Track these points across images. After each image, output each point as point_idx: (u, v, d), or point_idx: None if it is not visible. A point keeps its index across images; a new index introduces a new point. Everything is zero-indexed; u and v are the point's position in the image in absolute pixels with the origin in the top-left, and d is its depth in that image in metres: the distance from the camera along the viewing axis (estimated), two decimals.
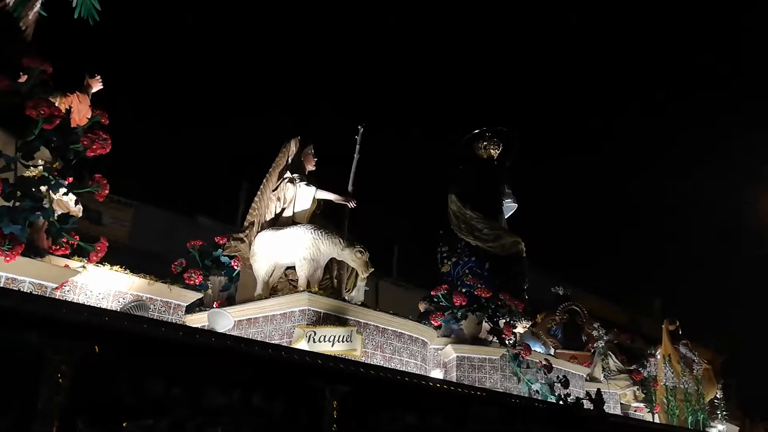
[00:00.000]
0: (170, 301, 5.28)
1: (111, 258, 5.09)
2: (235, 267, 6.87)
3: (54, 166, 4.22)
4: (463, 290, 7.86)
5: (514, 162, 10.93)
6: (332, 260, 6.27)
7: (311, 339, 5.10)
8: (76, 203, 4.67)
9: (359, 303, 6.07)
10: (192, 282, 6.69)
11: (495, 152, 10.94)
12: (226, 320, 5.13)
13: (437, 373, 7.56)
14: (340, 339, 5.25)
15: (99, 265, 4.84)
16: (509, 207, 10.69)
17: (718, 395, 13.60)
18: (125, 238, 14.47)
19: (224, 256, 7.02)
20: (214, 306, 6.38)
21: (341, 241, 5.85)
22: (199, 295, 5.70)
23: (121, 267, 5.00)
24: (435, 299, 7.93)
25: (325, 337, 5.17)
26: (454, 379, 7.39)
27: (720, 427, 13.00)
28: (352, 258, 5.83)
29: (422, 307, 9.29)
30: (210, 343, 4.16)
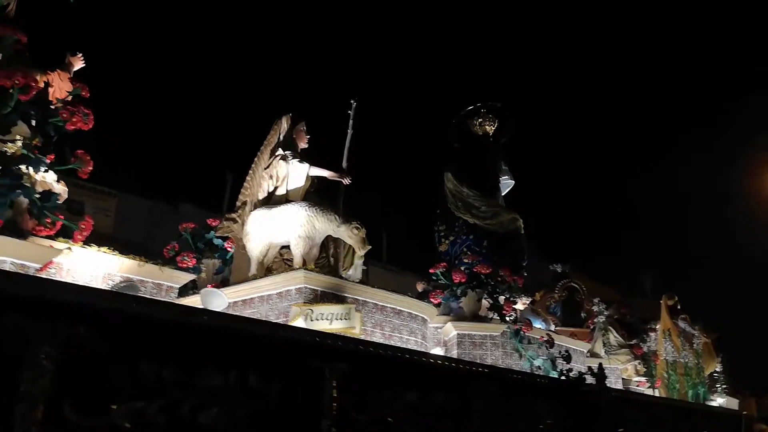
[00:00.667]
0: (162, 283, 5.12)
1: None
2: (229, 249, 6.71)
3: (33, 142, 4.02)
4: (463, 267, 7.74)
5: (510, 137, 10.76)
6: (328, 238, 6.12)
7: (308, 317, 4.96)
8: (58, 181, 4.47)
9: (357, 281, 5.92)
10: (185, 265, 6.53)
11: (490, 129, 10.76)
12: (219, 299, 4.97)
13: (438, 352, 7.45)
14: (338, 317, 5.10)
15: (86, 246, 4.67)
16: (506, 184, 10.54)
17: (717, 369, 13.61)
18: (109, 228, 14.27)
19: (217, 238, 6.85)
20: (208, 288, 6.22)
21: (337, 218, 5.68)
22: (192, 277, 5.55)
23: (109, 248, 4.82)
24: (434, 277, 7.80)
25: (322, 315, 5.02)
26: (455, 357, 7.28)
27: (720, 400, 13.03)
28: (349, 235, 5.67)
29: (420, 287, 9.17)
30: (203, 322, 4.00)
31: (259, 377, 4.28)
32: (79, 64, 5.58)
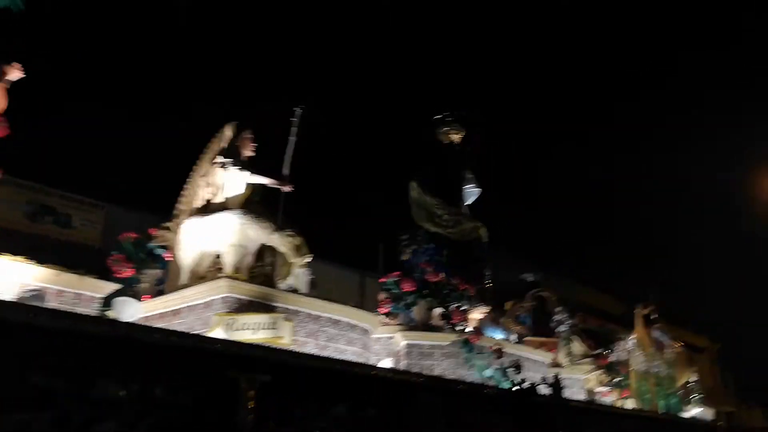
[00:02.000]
0: (82, 293, 5.01)
1: (82, 260, 4.86)
2: (169, 259, 6.60)
3: None
4: (414, 276, 7.65)
5: (477, 146, 10.71)
6: (266, 247, 6.03)
7: (230, 327, 4.85)
8: None
9: (290, 290, 5.82)
10: (122, 275, 6.42)
11: (458, 137, 10.72)
12: (131, 308, 4.87)
13: (388, 363, 7.34)
14: (264, 326, 5.00)
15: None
16: (471, 192, 10.47)
17: (692, 379, 13.46)
18: (97, 240, 14.09)
19: (159, 248, 6.74)
20: (142, 299, 6.11)
21: (271, 225, 5.59)
22: (116, 286, 5.44)
23: (23, 256, 4.71)
24: (384, 287, 7.71)
25: (245, 324, 4.92)
26: (404, 368, 7.16)
27: (695, 410, 12.86)
28: (283, 243, 5.58)
29: (380, 297, 9.07)
30: (101, 332, 3.90)
31: (167, 388, 4.16)
32: (15, 74, 5.49)
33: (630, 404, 11.00)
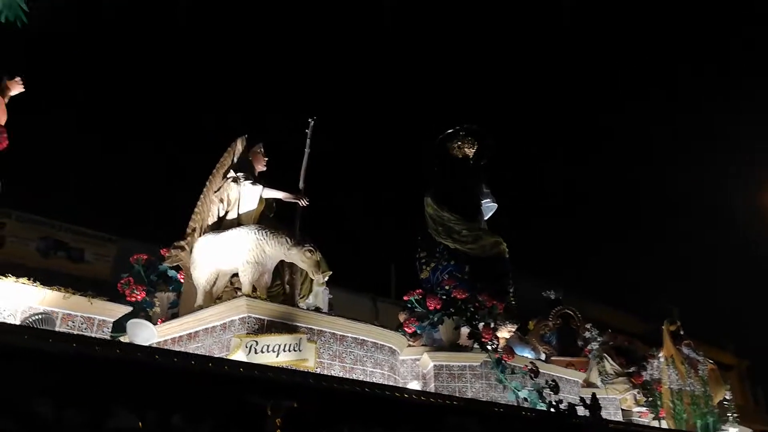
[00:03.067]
0: (93, 317, 4.66)
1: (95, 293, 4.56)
2: (183, 280, 6.26)
3: None
4: (439, 293, 7.24)
5: (490, 160, 10.41)
6: (284, 264, 5.68)
7: (251, 350, 4.47)
8: None
9: (312, 309, 5.44)
10: (134, 298, 6.08)
11: (470, 151, 10.44)
12: (147, 331, 4.50)
13: (415, 385, 6.89)
14: (287, 348, 4.61)
15: (2, 276, 4.23)
16: (488, 207, 10.14)
17: (727, 396, 12.84)
18: (108, 274, 13.83)
19: (171, 269, 6.41)
20: (158, 323, 5.75)
21: (288, 240, 5.25)
22: (128, 309, 5.08)
23: (29, 279, 4.38)
24: (408, 305, 7.30)
25: (268, 347, 4.53)
26: (433, 391, 6.71)
27: (732, 430, 12.20)
28: (302, 258, 5.22)
29: (402, 317, 8.65)
30: (114, 356, 3.54)
31: (186, 417, 3.76)
32: (17, 88, 5.28)
33: (666, 424, 10.43)
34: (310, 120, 6.44)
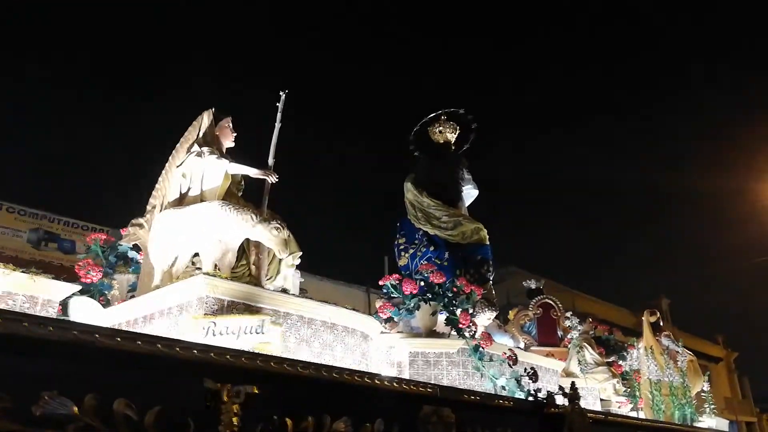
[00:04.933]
0: (36, 296, 4.29)
1: None
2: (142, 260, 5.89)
3: None
4: (416, 278, 6.98)
5: (472, 145, 10.15)
6: (251, 244, 5.35)
7: (209, 332, 4.14)
8: None
9: (279, 290, 5.12)
10: (89, 280, 5.71)
11: (452, 136, 10.17)
12: (89, 310, 4.14)
13: (390, 372, 6.63)
14: (249, 330, 4.29)
15: None
16: (470, 193, 9.90)
17: (705, 388, 12.83)
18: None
19: (131, 250, 6.04)
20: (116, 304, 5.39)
21: (253, 216, 4.91)
22: (75, 288, 4.70)
23: None
24: (384, 290, 7.02)
25: (228, 328, 4.20)
26: (408, 378, 6.45)
27: (709, 421, 12.19)
28: (267, 236, 4.89)
29: (378, 303, 8.39)
30: (48, 336, 3.19)
31: (128, 404, 3.40)
32: None
33: (644, 414, 10.35)
34: (281, 93, 6.11)
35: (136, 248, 6.03)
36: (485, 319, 8.00)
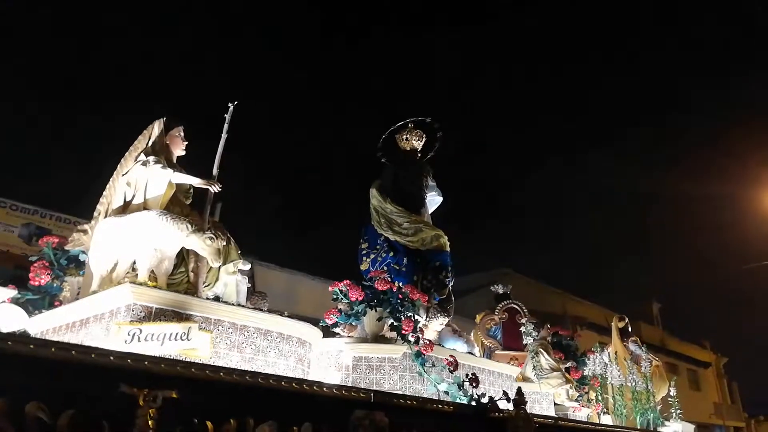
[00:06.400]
0: None
1: None
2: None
3: None
4: (363, 284, 7.17)
5: (437, 152, 10.33)
6: (190, 252, 5.54)
7: (135, 338, 4.33)
8: None
9: (212, 297, 5.31)
10: (38, 282, 5.91)
11: (418, 144, 10.36)
12: (11, 316, 4.34)
13: (336, 378, 6.83)
14: (174, 337, 4.48)
15: None
16: (433, 200, 10.10)
17: (671, 393, 13.04)
18: None
19: (82, 254, 6.23)
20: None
21: (188, 226, 5.10)
22: (12, 293, 4.89)
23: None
24: (334, 295, 7.21)
25: (153, 335, 4.40)
26: (351, 383, 6.64)
27: (675, 426, 12.40)
28: (201, 246, 5.09)
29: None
30: None
31: (39, 407, 3.60)
32: None
33: (606, 419, 10.54)
34: (230, 104, 6.30)
35: (84, 252, 6.22)
36: (438, 324, 8.21)
